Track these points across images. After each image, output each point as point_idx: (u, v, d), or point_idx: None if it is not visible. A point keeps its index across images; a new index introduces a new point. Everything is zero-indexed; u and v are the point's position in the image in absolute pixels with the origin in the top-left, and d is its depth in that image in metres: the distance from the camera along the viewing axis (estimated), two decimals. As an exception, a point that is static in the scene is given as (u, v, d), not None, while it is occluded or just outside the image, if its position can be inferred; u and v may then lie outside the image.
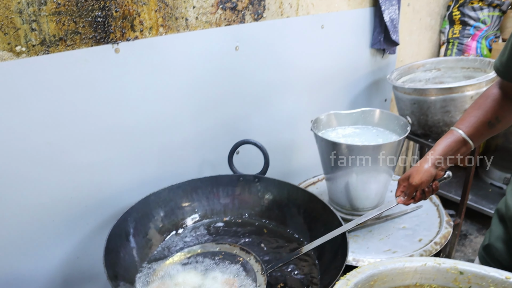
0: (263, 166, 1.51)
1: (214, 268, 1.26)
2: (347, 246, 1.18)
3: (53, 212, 1.33)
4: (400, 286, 0.91)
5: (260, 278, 1.20)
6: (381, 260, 0.90)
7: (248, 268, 1.24)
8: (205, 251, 1.32)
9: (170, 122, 1.53)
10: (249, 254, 1.28)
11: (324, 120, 1.69)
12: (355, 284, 0.81)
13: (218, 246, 1.34)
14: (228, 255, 1.30)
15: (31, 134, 1.21)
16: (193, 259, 1.30)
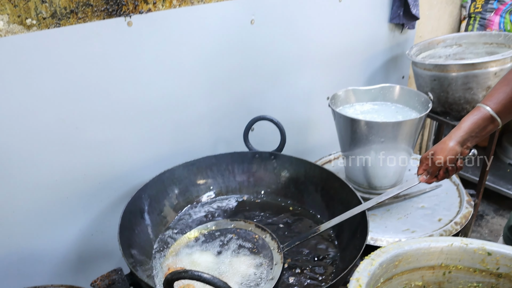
0: (280, 143, 1.48)
1: (229, 246, 1.24)
2: (367, 225, 1.14)
3: (66, 189, 1.31)
4: (424, 267, 0.88)
5: (276, 256, 1.18)
6: (406, 239, 0.87)
7: (264, 245, 1.22)
8: (220, 228, 1.30)
9: (184, 98, 1.50)
10: (265, 232, 1.26)
11: (342, 96, 1.64)
12: (380, 264, 0.78)
13: (233, 223, 1.32)
14: (243, 232, 1.28)
15: (43, 110, 1.19)
16: (208, 236, 1.28)
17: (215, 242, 1.26)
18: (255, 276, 1.13)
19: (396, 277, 0.85)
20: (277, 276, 1.10)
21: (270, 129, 1.58)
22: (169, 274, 0.83)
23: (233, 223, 1.32)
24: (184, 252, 1.23)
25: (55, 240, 1.35)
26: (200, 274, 0.81)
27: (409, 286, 0.88)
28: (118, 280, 1.24)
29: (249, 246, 1.23)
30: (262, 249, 1.21)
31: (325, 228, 1.22)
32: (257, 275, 1.14)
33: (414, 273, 0.87)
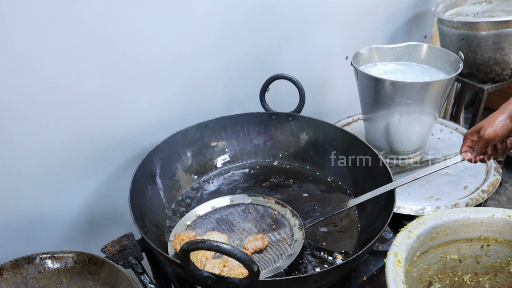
0: (298, 104, 1.39)
1: (247, 222, 1.17)
2: (394, 196, 1.07)
3: (74, 151, 1.24)
4: (462, 239, 0.81)
5: (297, 232, 1.11)
6: (444, 209, 0.80)
7: (284, 222, 1.15)
8: (236, 203, 1.22)
9: (196, 55, 1.40)
10: (285, 208, 1.18)
11: (364, 54, 1.53)
12: (417, 236, 0.71)
13: (251, 198, 1.23)
14: (261, 208, 1.20)
15: (48, 67, 1.10)
16: (224, 211, 1.20)
17: (231, 218, 1.18)
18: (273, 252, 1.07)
19: (431, 250, 0.78)
20: (297, 252, 1.04)
21: (286, 89, 1.49)
22: (185, 244, 0.76)
23: (251, 199, 1.23)
24: (198, 226, 1.16)
25: (63, 204, 1.29)
26: (219, 244, 0.74)
27: (444, 259, 0.81)
28: (130, 246, 1.20)
29: (268, 223, 1.16)
30: (281, 225, 1.14)
31: (353, 204, 1.14)
32: (276, 251, 1.07)
33: (451, 246, 0.80)
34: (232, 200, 1.22)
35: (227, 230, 1.13)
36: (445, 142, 1.66)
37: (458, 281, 0.84)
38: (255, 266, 0.76)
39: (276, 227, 1.13)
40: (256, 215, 1.18)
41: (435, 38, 2.40)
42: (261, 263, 1.03)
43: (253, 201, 1.22)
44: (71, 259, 1.06)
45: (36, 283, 1.03)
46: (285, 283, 0.85)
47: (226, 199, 1.23)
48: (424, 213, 1.30)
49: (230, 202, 1.22)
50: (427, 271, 0.80)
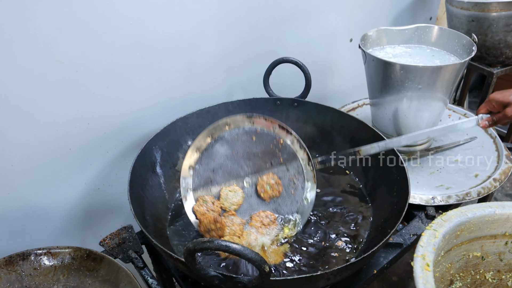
0: (304, 89, 1.32)
1: (254, 157, 1.09)
2: (408, 181, 1.01)
3: (69, 139, 1.18)
4: (486, 236, 0.76)
5: (308, 171, 1.04)
6: (468, 205, 0.74)
7: (291, 154, 1.07)
8: (235, 126, 1.11)
9: (195, 37, 1.32)
10: (291, 135, 1.09)
11: (372, 37, 1.46)
12: (443, 235, 0.66)
13: (251, 119, 1.11)
14: (265, 135, 1.10)
15: (39, 51, 1.03)
16: (226, 135, 1.11)
17: (234, 149, 1.09)
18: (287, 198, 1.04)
19: (454, 248, 0.73)
20: (313, 200, 1.02)
21: (289, 73, 1.43)
22: (191, 243, 0.71)
23: (252, 120, 1.10)
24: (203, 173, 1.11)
25: (59, 195, 1.23)
26: (229, 244, 0.69)
27: (466, 257, 0.77)
28: (129, 239, 1.14)
29: (275, 154, 1.09)
30: (289, 158, 1.07)
31: (365, 154, 1.10)
32: (289, 196, 1.03)
33: (474, 243, 0.76)
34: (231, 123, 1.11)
35: (235, 169, 1.09)
36: (454, 128, 1.60)
37: (480, 279, 0.80)
38: (266, 266, 0.71)
39: (284, 160, 1.07)
40: (260, 144, 1.10)
41: (440, 19, 2.33)
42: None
43: (255, 122, 1.11)
44: (68, 255, 1.01)
45: (31, 281, 0.98)
46: (298, 282, 0.80)
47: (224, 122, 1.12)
48: (434, 203, 1.25)
49: (228, 127, 1.12)
50: (449, 270, 0.75)
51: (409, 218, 1.24)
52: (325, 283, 0.86)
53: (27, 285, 0.97)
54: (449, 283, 0.77)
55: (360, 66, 1.46)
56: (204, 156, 1.11)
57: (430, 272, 0.57)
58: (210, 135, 1.13)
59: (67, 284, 0.99)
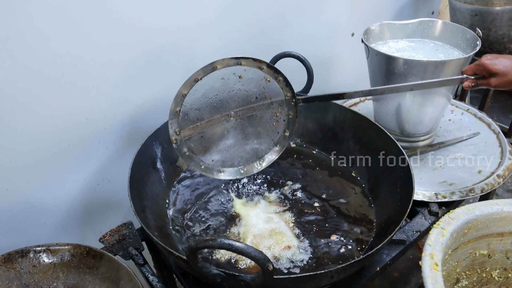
0: (306, 83, 1.31)
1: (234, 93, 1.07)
2: (411, 177, 1.00)
3: (68, 135, 1.16)
4: (493, 234, 0.75)
5: (290, 106, 1.06)
6: (475, 202, 0.73)
7: (276, 90, 1.07)
8: (223, 67, 1.08)
9: (195, 31, 1.30)
10: (278, 74, 1.07)
11: (375, 31, 1.44)
12: (450, 233, 0.65)
13: (239, 60, 1.08)
14: (252, 74, 1.08)
15: (37, 45, 1.01)
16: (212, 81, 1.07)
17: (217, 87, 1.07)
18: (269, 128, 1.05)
19: (461, 246, 0.72)
20: (292, 133, 1.04)
21: (291, 68, 1.40)
22: (194, 242, 0.70)
23: (239, 61, 1.08)
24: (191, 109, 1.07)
25: (58, 191, 1.22)
26: (232, 242, 0.67)
27: (473, 255, 0.75)
28: (129, 235, 1.13)
29: (260, 89, 1.07)
30: (274, 94, 1.07)
31: (350, 97, 1.10)
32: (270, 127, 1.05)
33: (481, 241, 0.74)
34: (219, 64, 1.08)
35: (220, 105, 1.07)
36: (457, 123, 1.59)
37: (486, 277, 0.79)
38: (270, 265, 0.69)
39: (269, 95, 1.07)
40: (247, 82, 1.08)
41: (442, 14, 2.31)
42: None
43: (244, 63, 1.09)
44: (67, 252, 0.99)
45: (31, 278, 0.97)
46: (301, 280, 0.79)
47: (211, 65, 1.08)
48: (437, 199, 1.24)
49: (218, 66, 1.08)
50: (455, 269, 0.74)
51: (412, 215, 1.23)
52: (328, 281, 0.85)
53: (26, 282, 0.96)
54: (455, 282, 0.76)
55: (361, 61, 1.45)
56: (189, 98, 1.07)
57: (439, 271, 0.56)
58: (196, 79, 1.08)
59: (67, 282, 0.97)
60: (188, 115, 1.06)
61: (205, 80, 1.06)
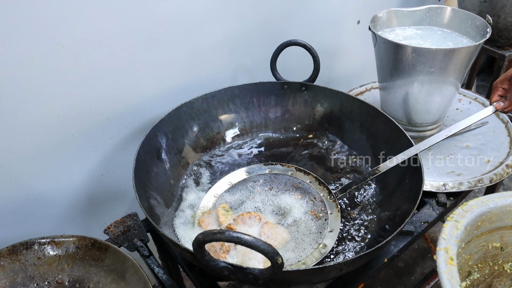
0: (312, 72, 1.28)
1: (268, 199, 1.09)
2: (421, 169, 0.98)
3: (71, 125, 1.15)
4: (506, 226, 0.74)
5: (330, 204, 1.04)
6: (489, 194, 0.71)
7: (311, 192, 1.08)
8: (252, 175, 1.15)
9: (199, 19, 1.28)
10: (308, 175, 1.11)
11: (382, 18, 1.41)
12: (465, 226, 0.63)
13: (268, 167, 1.16)
14: (282, 178, 1.13)
15: (38, 34, 0.99)
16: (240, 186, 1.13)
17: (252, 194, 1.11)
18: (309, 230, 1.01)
19: (474, 239, 0.71)
20: (338, 228, 0.98)
21: (296, 57, 1.39)
22: (201, 234, 0.68)
23: (268, 168, 1.15)
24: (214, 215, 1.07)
25: (61, 182, 1.21)
26: (240, 235, 0.66)
27: (485, 248, 0.74)
28: (134, 227, 1.12)
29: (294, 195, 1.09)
30: (308, 196, 1.08)
31: (385, 169, 1.06)
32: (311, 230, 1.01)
33: (494, 234, 0.73)
34: (248, 173, 1.15)
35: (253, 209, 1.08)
36: (465, 112, 1.56)
37: (498, 270, 0.77)
38: (279, 258, 0.68)
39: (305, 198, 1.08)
40: (279, 187, 1.11)
41: (449, 0, 2.27)
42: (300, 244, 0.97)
43: (272, 170, 1.14)
44: (72, 244, 0.98)
45: (36, 270, 0.96)
46: (310, 273, 0.78)
47: (242, 171, 1.16)
48: (445, 189, 1.22)
49: (246, 175, 1.15)
50: (467, 262, 0.73)
51: (420, 205, 1.21)
52: (337, 273, 0.84)
53: (31, 274, 0.95)
54: (467, 275, 0.75)
55: (367, 49, 1.42)
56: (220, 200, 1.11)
57: (455, 266, 0.54)
58: (229, 182, 1.15)
59: (72, 274, 0.97)
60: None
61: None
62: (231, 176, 1.16)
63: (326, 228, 1.00)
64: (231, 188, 1.13)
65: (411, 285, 1.80)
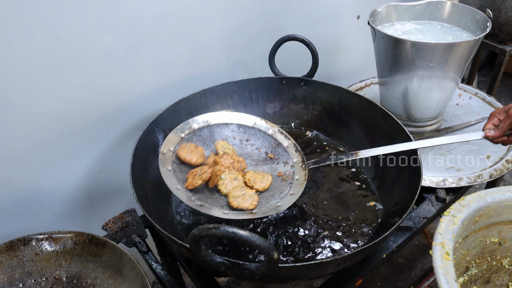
0: (311, 67, 1.28)
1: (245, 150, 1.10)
2: (420, 166, 0.98)
3: (69, 121, 1.14)
4: (504, 221, 0.73)
5: (299, 171, 1.04)
6: (487, 189, 0.71)
7: (285, 156, 1.09)
8: (236, 123, 1.14)
9: (197, 14, 1.27)
10: (288, 140, 1.11)
11: (382, 13, 1.40)
12: (461, 221, 0.63)
13: (253, 120, 1.14)
14: (262, 136, 1.13)
15: (35, 30, 0.98)
16: (221, 129, 1.12)
17: (229, 139, 1.12)
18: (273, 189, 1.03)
19: (472, 234, 0.70)
20: (299, 193, 0.99)
21: (294, 52, 1.38)
22: (196, 230, 0.68)
23: (254, 120, 1.13)
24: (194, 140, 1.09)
25: (60, 178, 1.20)
26: (235, 231, 0.65)
27: (483, 243, 0.73)
28: (132, 223, 1.12)
29: (267, 152, 1.11)
30: (281, 158, 1.10)
31: (364, 156, 1.06)
32: (275, 189, 1.03)
33: (491, 229, 0.72)
34: (231, 119, 1.13)
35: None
36: (465, 108, 1.56)
37: (496, 265, 0.77)
38: (275, 253, 0.68)
39: (277, 159, 1.09)
40: (256, 142, 1.12)
41: (450, -5, 2.25)
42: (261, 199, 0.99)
43: (255, 125, 1.13)
44: (70, 240, 0.98)
45: (33, 266, 0.96)
46: (307, 268, 0.78)
47: (224, 115, 1.13)
48: (445, 185, 1.22)
49: (228, 120, 1.13)
50: (465, 257, 0.72)
51: (419, 201, 1.21)
52: (334, 269, 0.83)
53: (29, 270, 0.95)
54: (465, 270, 0.74)
55: (367, 44, 1.41)
56: (197, 131, 1.10)
57: (450, 261, 0.54)
58: (208, 120, 1.12)
59: (70, 270, 0.96)
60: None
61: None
62: (212, 116, 1.13)
63: (288, 190, 1.01)
64: (208, 126, 1.12)
65: (411, 281, 1.79)
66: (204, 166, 1.02)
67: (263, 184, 1.01)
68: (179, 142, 1.05)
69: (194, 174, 0.99)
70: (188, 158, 1.02)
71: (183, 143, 1.06)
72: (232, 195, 0.97)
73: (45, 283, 0.95)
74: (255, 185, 1.00)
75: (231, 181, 0.99)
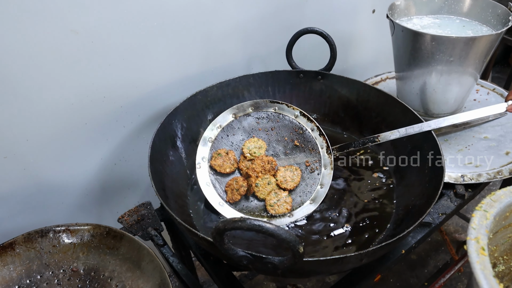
0: (329, 61, 1.26)
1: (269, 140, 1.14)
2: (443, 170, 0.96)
3: (84, 114, 1.13)
4: (535, 217, 0.71)
5: (325, 158, 1.05)
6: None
7: (310, 141, 1.12)
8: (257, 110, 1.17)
9: (213, 7, 1.25)
10: (311, 123, 1.13)
11: (400, 6, 1.38)
12: (493, 216, 0.61)
13: (274, 105, 1.17)
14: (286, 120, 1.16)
15: (52, 21, 0.97)
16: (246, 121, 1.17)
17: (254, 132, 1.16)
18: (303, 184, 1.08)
19: (501, 230, 0.69)
20: (328, 185, 1.03)
21: (310, 45, 1.36)
22: (221, 223, 0.67)
23: (274, 106, 1.16)
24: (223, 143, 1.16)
25: (75, 171, 1.20)
26: (262, 224, 0.64)
27: (512, 239, 0.72)
28: (148, 216, 1.11)
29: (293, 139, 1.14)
30: (307, 145, 1.11)
31: (385, 139, 1.09)
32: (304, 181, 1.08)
33: (521, 225, 0.71)
34: (254, 106, 1.17)
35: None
36: (482, 103, 1.53)
37: (524, 262, 0.75)
38: (300, 247, 0.66)
39: (303, 147, 1.12)
40: (280, 131, 1.16)
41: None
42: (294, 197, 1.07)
43: (278, 110, 1.16)
44: (87, 232, 0.97)
45: (51, 258, 0.95)
46: (330, 263, 0.77)
47: (248, 104, 1.17)
48: (464, 181, 1.20)
49: (251, 109, 1.17)
50: (493, 253, 0.71)
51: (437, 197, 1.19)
52: (357, 263, 0.82)
53: (47, 262, 0.95)
54: (492, 267, 0.73)
55: (383, 39, 1.39)
56: (223, 132, 1.15)
57: (486, 256, 0.53)
58: (233, 114, 1.16)
59: (87, 262, 0.96)
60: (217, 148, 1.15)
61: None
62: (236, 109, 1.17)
63: (317, 183, 1.06)
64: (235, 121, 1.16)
65: (424, 278, 1.78)
66: (239, 179, 1.10)
67: (293, 183, 1.08)
68: (210, 149, 1.13)
69: (232, 189, 1.07)
70: (222, 169, 1.11)
71: (214, 151, 1.13)
72: (269, 203, 1.05)
73: (62, 275, 0.95)
74: (286, 185, 1.07)
75: (265, 187, 1.07)
